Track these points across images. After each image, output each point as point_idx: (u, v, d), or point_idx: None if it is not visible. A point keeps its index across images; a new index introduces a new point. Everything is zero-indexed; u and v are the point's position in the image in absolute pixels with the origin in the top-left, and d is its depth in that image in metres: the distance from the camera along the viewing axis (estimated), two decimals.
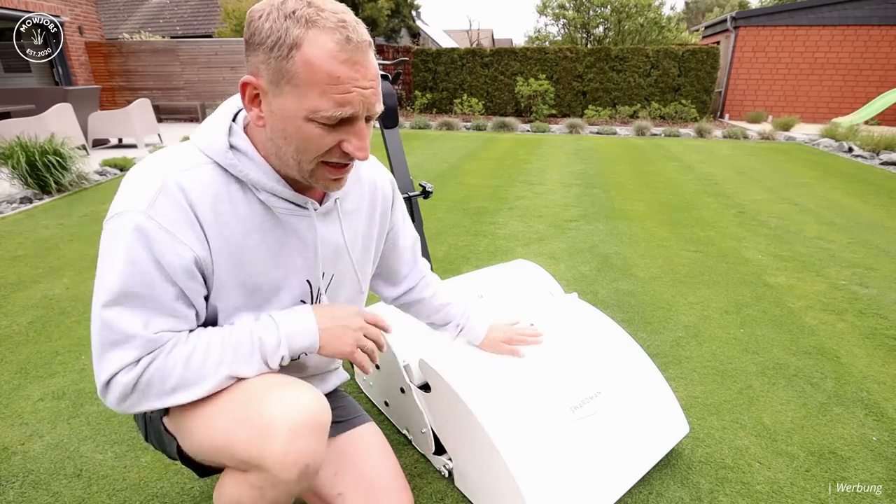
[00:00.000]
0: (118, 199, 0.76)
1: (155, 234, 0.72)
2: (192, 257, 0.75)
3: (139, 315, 0.73)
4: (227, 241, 0.79)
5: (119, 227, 0.73)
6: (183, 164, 0.77)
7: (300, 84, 0.69)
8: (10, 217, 4.00)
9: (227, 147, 0.78)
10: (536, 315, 1.60)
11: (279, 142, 0.75)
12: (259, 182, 0.79)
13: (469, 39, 21.31)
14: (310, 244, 0.88)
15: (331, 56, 0.68)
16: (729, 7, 32.51)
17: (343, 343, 0.85)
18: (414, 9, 14.34)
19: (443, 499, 1.35)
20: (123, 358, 0.73)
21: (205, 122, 0.83)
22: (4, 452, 1.49)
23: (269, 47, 0.68)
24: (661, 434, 1.41)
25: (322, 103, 0.69)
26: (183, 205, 0.74)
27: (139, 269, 0.72)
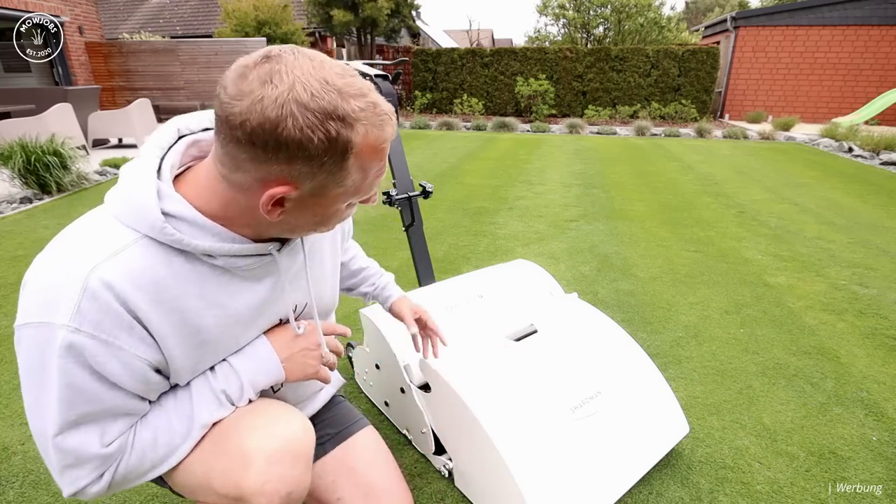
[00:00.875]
0: (31, 302, 0.63)
1: (90, 348, 0.62)
2: (140, 363, 0.66)
3: (93, 431, 0.67)
4: (180, 331, 0.69)
5: (43, 345, 0.61)
6: (105, 250, 0.63)
7: (352, 183, 0.64)
8: (10, 217, 4.00)
9: (161, 218, 0.64)
10: (536, 315, 1.60)
11: (301, 224, 0.69)
12: (212, 249, 0.67)
13: (469, 39, 21.32)
14: (279, 288, 0.79)
15: (376, 151, 0.63)
16: (729, 7, 32.52)
17: (307, 366, 0.83)
18: (414, 9, 14.33)
19: (443, 499, 1.35)
20: (85, 477, 0.68)
21: (122, 184, 0.67)
22: (4, 452, 1.49)
23: (320, 160, 0.59)
24: (661, 434, 1.41)
25: (366, 189, 0.67)
26: (114, 307, 0.62)
27: (80, 390, 0.63)
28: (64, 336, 0.61)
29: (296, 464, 0.74)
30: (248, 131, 0.56)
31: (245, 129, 0.56)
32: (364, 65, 1.89)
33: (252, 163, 0.59)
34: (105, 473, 0.70)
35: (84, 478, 0.68)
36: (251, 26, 12.09)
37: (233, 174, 0.62)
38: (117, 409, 0.68)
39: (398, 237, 3.52)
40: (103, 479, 0.70)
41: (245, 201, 0.64)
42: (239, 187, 0.63)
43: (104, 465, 0.69)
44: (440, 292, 1.66)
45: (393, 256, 3.16)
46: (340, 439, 1.06)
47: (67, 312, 0.61)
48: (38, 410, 0.65)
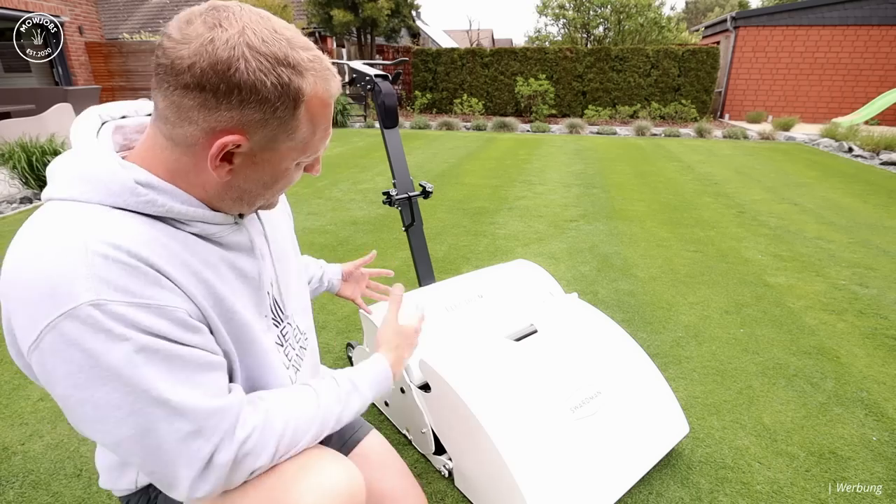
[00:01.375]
0: (32, 307, 0.53)
1: (131, 315, 0.54)
2: (182, 314, 0.59)
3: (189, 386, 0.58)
4: (197, 285, 0.64)
5: (76, 336, 0.52)
6: (86, 222, 0.56)
7: (302, 137, 0.62)
8: (11, 217, 4.00)
9: (131, 181, 0.59)
10: (536, 315, 1.60)
11: (250, 188, 0.65)
12: (186, 214, 0.63)
13: (469, 39, 21.32)
14: (255, 255, 0.76)
15: (324, 105, 0.63)
16: (729, 7, 32.52)
17: (405, 358, 0.92)
18: (414, 9, 14.33)
19: (443, 499, 1.35)
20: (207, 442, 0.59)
21: (68, 168, 0.61)
22: (4, 452, 1.49)
23: (272, 105, 0.57)
24: (661, 434, 1.41)
25: (315, 146, 0.65)
26: (133, 263, 0.56)
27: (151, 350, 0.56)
28: (96, 314, 0.52)
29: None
30: (198, 74, 0.53)
31: (194, 73, 0.53)
32: (364, 65, 1.89)
33: (201, 111, 0.55)
34: (237, 429, 0.61)
35: (206, 443, 0.59)
36: None
37: (177, 129, 0.57)
38: (197, 361, 0.60)
39: (398, 237, 3.52)
40: (235, 438, 0.61)
41: (191, 162, 0.60)
42: (185, 145, 0.59)
43: (224, 420, 0.60)
44: (440, 292, 1.67)
45: (393, 256, 3.16)
46: (347, 449, 1.04)
47: (87, 287, 0.52)
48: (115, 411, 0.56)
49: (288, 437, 0.67)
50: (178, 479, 0.59)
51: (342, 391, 0.77)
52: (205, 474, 0.60)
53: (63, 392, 0.55)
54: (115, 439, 0.57)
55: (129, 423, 0.56)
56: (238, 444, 0.61)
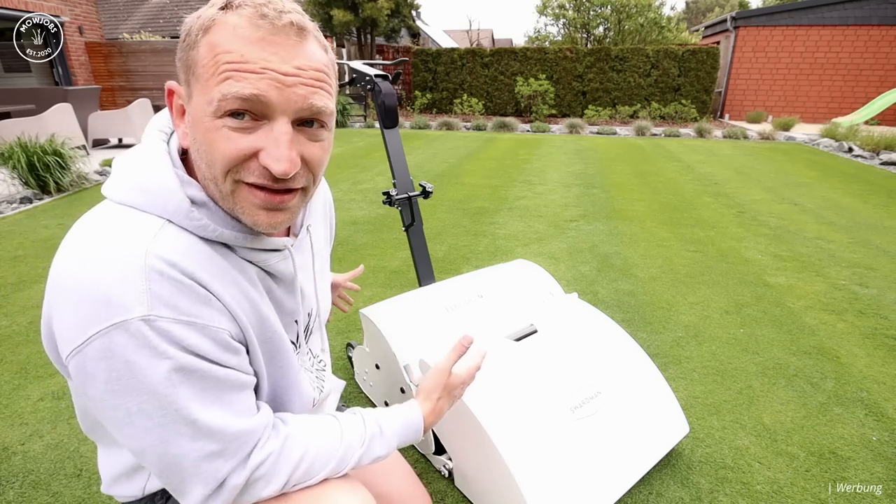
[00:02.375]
0: (84, 312, 0.53)
1: (176, 333, 0.55)
2: (225, 335, 0.61)
3: (219, 406, 0.59)
4: (243, 310, 0.65)
5: (123, 349, 0.53)
6: (144, 233, 0.57)
7: (202, 73, 0.55)
8: (10, 217, 4.00)
9: (186, 202, 0.59)
10: (536, 315, 1.60)
11: (200, 164, 0.60)
12: (233, 240, 0.63)
13: (469, 39, 21.32)
14: (293, 286, 0.76)
15: (238, 34, 0.54)
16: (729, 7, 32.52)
17: (444, 410, 0.83)
18: (414, 9, 14.33)
19: (443, 499, 1.35)
20: (227, 462, 0.60)
21: (135, 171, 0.61)
22: (4, 452, 1.49)
23: (181, 40, 0.57)
24: (661, 434, 1.41)
25: (223, 88, 0.54)
26: (186, 282, 0.57)
27: (188, 371, 0.57)
28: (142, 328, 0.53)
29: None
30: (180, 37, 0.59)
31: (180, 37, 0.59)
32: (364, 65, 1.89)
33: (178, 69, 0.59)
34: (254, 453, 0.62)
35: (225, 464, 0.59)
36: None
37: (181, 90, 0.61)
38: (231, 382, 0.61)
39: (398, 237, 3.52)
40: (249, 463, 0.61)
41: None
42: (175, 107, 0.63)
43: (246, 442, 0.61)
44: (440, 292, 1.66)
45: (393, 256, 3.16)
46: None
47: (141, 301, 0.53)
48: (145, 420, 0.56)
49: (303, 468, 0.66)
50: (191, 493, 0.60)
51: (367, 434, 0.73)
52: (216, 493, 0.61)
53: (99, 395, 0.56)
54: (139, 446, 0.58)
55: (155, 434, 0.57)
56: (251, 469, 0.62)
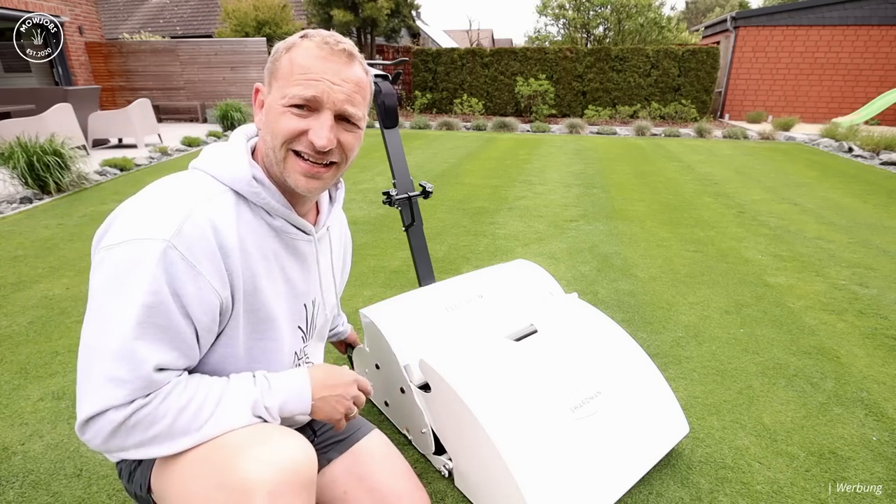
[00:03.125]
0: (129, 225, 0.72)
1: (179, 265, 0.70)
2: (213, 294, 0.75)
3: (154, 348, 0.70)
4: (245, 271, 0.80)
5: (137, 254, 0.69)
6: (205, 194, 0.77)
7: (281, 77, 0.78)
8: (10, 217, 4.00)
9: (251, 177, 0.80)
10: (536, 315, 1.60)
11: (266, 137, 0.81)
12: (277, 209, 0.83)
13: (469, 39, 21.31)
14: (311, 268, 0.93)
15: (309, 54, 0.77)
16: (729, 7, 32.52)
17: (335, 412, 0.86)
18: (414, 9, 14.32)
19: (443, 499, 1.35)
20: (117, 397, 0.69)
21: (218, 152, 0.84)
22: (4, 452, 1.49)
23: (271, 56, 0.81)
24: (661, 434, 1.41)
25: (293, 89, 0.77)
26: (210, 237, 0.74)
27: (159, 300, 0.69)
28: (162, 248, 0.69)
29: (300, 493, 0.73)
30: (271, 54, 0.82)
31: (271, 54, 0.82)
32: None
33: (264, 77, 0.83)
34: (134, 403, 0.70)
35: (116, 398, 0.69)
36: (251, 26, 12.09)
37: None
38: (175, 339, 0.72)
39: (398, 237, 3.52)
40: (127, 409, 0.69)
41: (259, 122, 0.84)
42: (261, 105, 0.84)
43: (142, 390, 0.70)
44: (440, 292, 1.66)
45: (393, 256, 3.16)
46: (346, 446, 1.05)
47: (169, 230, 0.70)
48: (104, 320, 0.70)
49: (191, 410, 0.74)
50: (82, 408, 0.70)
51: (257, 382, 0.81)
52: (97, 418, 0.70)
53: (93, 285, 0.72)
54: (82, 340, 0.72)
55: (96, 334, 0.70)
56: (125, 416, 0.70)
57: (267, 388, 0.80)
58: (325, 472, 1.02)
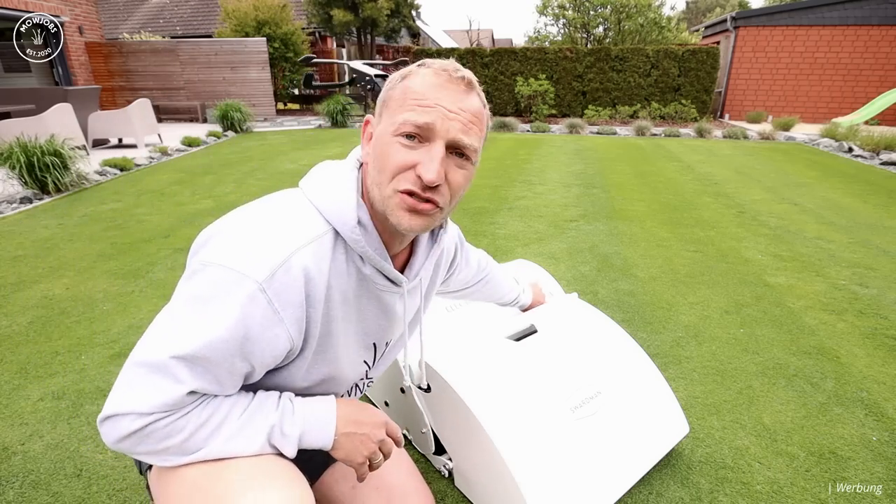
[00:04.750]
0: (229, 249, 0.71)
1: (264, 309, 0.69)
2: (285, 341, 0.73)
3: (193, 375, 0.69)
4: (324, 316, 0.77)
5: (227, 285, 0.68)
6: (308, 235, 0.74)
7: (394, 105, 0.74)
8: (10, 217, 4.00)
9: (356, 223, 0.76)
10: (536, 315, 1.60)
11: (372, 172, 0.77)
12: (371, 258, 0.79)
13: (469, 39, 21.32)
14: (390, 316, 0.89)
15: (424, 80, 0.73)
16: (729, 7, 32.52)
17: (357, 453, 0.81)
18: (414, 9, 14.32)
19: (443, 499, 1.35)
20: (140, 405, 0.69)
21: (328, 183, 0.79)
22: (4, 452, 1.49)
23: (384, 86, 0.77)
24: (661, 434, 1.41)
25: (405, 115, 0.72)
26: (300, 287, 0.72)
27: (228, 339, 0.68)
28: (253, 289, 0.68)
29: None
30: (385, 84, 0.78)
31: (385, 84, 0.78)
32: (364, 65, 1.89)
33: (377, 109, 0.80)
34: (153, 415, 0.69)
35: (147, 403, 0.68)
36: (251, 26, 12.09)
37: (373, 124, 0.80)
38: (221, 376, 0.71)
39: None
40: (145, 420, 0.69)
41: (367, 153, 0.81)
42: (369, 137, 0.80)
43: (167, 407, 0.69)
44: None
45: None
46: None
47: (264, 273, 0.69)
48: (173, 328, 0.69)
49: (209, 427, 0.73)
50: (108, 405, 0.69)
51: (281, 403, 0.78)
52: (116, 420, 0.69)
53: (179, 293, 0.72)
54: (148, 331, 0.71)
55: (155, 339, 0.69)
56: (141, 426, 0.69)
57: (290, 412, 0.77)
58: (334, 467, 1.02)
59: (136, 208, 4.27)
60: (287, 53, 12.36)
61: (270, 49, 11.70)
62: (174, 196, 4.69)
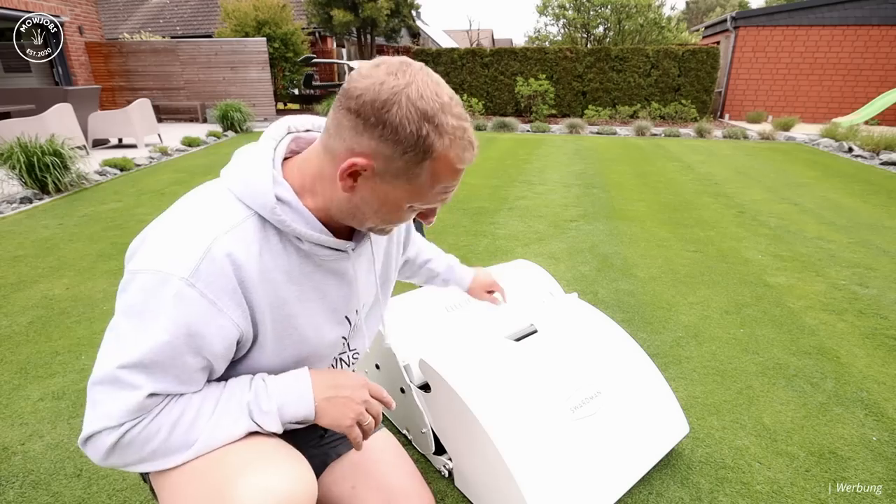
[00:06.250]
0: (153, 252, 0.71)
1: (197, 303, 0.69)
2: (232, 329, 0.73)
3: (151, 379, 0.70)
4: (271, 301, 0.76)
5: (155, 288, 0.68)
6: (227, 222, 0.73)
7: (419, 185, 0.71)
8: (10, 217, 4.00)
9: (274, 202, 0.74)
10: (536, 315, 1.60)
11: (363, 209, 0.75)
12: (305, 235, 0.76)
13: (469, 39, 21.32)
14: (349, 283, 0.88)
15: (452, 169, 0.70)
16: (730, 7, 32.52)
17: (343, 416, 0.80)
18: (414, 9, 14.33)
19: (443, 499, 1.35)
20: (111, 419, 0.70)
21: (243, 165, 0.77)
22: (4, 452, 1.49)
23: (403, 149, 0.67)
24: (661, 434, 1.41)
25: (429, 199, 0.73)
26: (228, 273, 0.71)
27: (170, 340, 0.69)
28: (180, 286, 0.68)
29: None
30: (360, 103, 0.66)
31: (358, 101, 0.66)
32: None
33: (350, 131, 0.68)
34: (125, 425, 0.70)
35: (112, 417, 0.69)
36: (251, 26, 12.09)
37: (331, 140, 0.71)
38: (181, 375, 0.72)
39: None
40: (118, 431, 0.70)
41: (331, 171, 0.73)
42: (331, 155, 0.72)
43: (134, 413, 0.70)
44: (440, 292, 1.67)
45: None
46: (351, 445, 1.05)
47: (188, 267, 0.68)
48: (116, 341, 0.70)
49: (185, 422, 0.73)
50: (84, 427, 0.71)
51: (253, 383, 0.78)
52: (95, 438, 0.71)
53: (118, 306, 0.72)
54: (100, 351, 0.71)
55: (106, 355, 0.70)
56: (117, 437, 0.70)
57: (263, 389, 0.77)
58: (334, 466, 1.02)
59: (137, 208, 4.27)
60: (287, 53, 12.36)
61: (270, 49, 11.70)
62: (174, 196, 4.69)
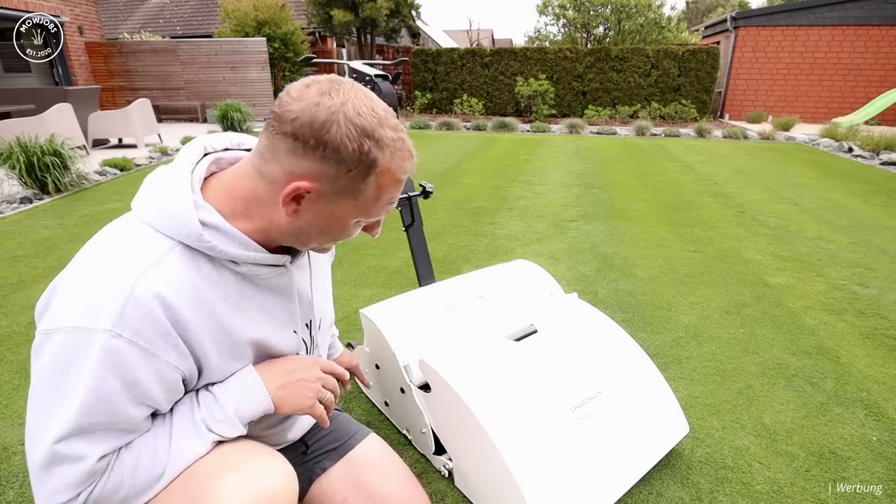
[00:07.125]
0: (68, 306, 0.64)
1: (128, 354, 0.63)
2: (171, 373, 0.68)
3: (95, 442, 0.65)
4: (213, 335, 0.72)
5: (76, 348, 0.62)
6: (147, 259, 0.66)
7: (365, 200, 0.70)
8: (10, 217, 4.00)
9: (200, 227, 0.68)
10: (536, 315, 1.60)
11: (308, 230, 0.73)
12: (240, 256, 0.72)
13: (469, 39, 21.32)
14: (293, 298, 0.84)
15: (395, 179, 0.70)
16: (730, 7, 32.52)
17: (303, 398, 0.79)
18: (414, 9, 14.32)
19: (443, 499, 1.35)
20: (66, 492, 0.66)
21: (158, 192, 0.71)
22: (4, 452, 1.49)
23: (347, 167, 0.66)
24: (661, 434, 1.41)
25: (375, 212, 0.73)
26: (158, 315, 0.65)
27: (104, 398, 0.63)
28: (104, 340, 0.62)
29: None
30: (297, 126, 0.64)
31: (294, 124, 0.64)
32: (364, 65, 1.89)
33: (288, 155, 0.65)
34: (82, 493, 0.66)
35: (65, 492, 0.65)
36: (251, 26, 12.08)
37: (267, 165, 0.67)
38: (125, 427, 0.67)
39: (398, 237, 3.52)
40: (79, 500, 0.66)
41: (269, 195, 0.69)
42: (268, 180, 0.68)
43: (87, 480, 0.66)
44: (440, 292, 1.67)
45: (393, 256, 3.16)
46: (342, 453, 1.03)
47: (110, 318, 0.63)
48: (44, 414, 0.64)
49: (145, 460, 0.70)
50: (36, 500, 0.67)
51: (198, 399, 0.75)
52: None
53: (34, 373, 0.66)
54: (27, 426, 0.66)
55: (36, 430, 0.65)
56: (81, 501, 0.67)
57: (213, 401, 0.74)
58: (321, 481, 1.00)
59: None
60: (287, 53, 12.36)
61: (270, 49, 11.70)
62: None
